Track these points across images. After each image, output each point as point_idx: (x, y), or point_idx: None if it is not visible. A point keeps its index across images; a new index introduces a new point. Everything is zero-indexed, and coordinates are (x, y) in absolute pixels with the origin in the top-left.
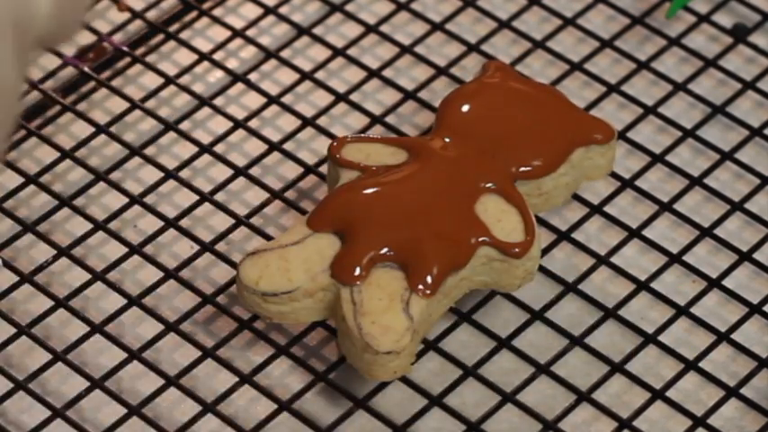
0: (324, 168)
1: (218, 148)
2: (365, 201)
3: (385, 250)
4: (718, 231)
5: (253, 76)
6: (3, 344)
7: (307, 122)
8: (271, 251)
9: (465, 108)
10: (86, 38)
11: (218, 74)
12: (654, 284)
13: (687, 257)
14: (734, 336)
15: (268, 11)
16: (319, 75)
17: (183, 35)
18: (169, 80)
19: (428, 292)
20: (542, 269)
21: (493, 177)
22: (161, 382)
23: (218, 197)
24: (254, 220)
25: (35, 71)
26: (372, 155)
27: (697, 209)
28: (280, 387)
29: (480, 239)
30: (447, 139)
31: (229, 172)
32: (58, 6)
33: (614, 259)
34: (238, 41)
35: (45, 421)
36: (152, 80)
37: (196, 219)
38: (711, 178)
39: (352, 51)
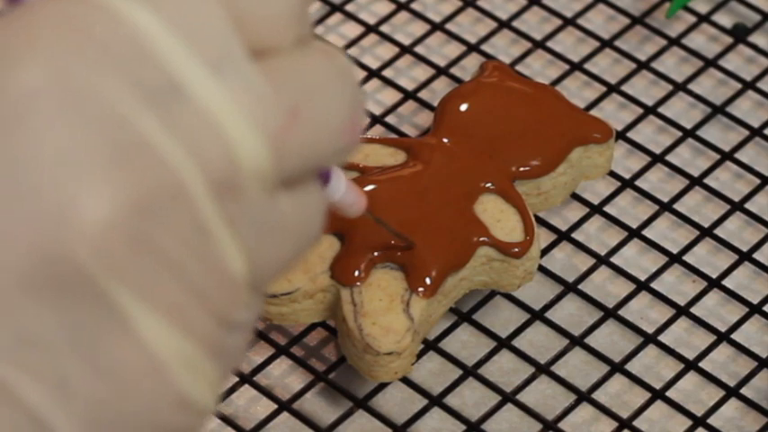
0: None
1: None
2: None
3: (384, 251)
4: (718, 231)
5: None
6: None
7: None
8: None
9: (463, 108)
10: None
11: None
12: (654, 284)
13: (687, 257)
14: (734, 336)
15: None
16: None
17: None
18: None
19: (428, 292)
20: (542, 269)
21: (492, 177)
22: None
23: None
24: None
25: None
26: (371, 155)
27: (697, 209)
28: (280, 387)
29: (480, 239)
30: (445, 140)
31: None
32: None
33: (614, 259)
34: None
35: None
36: None
37: None
38: (711, 178)
39: (351, 51)
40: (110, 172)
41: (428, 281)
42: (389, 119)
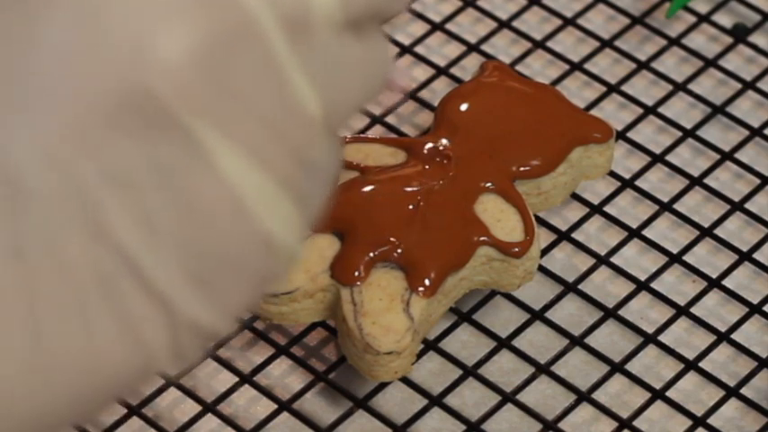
0: None
1: None
2: (364, 201)
3: (384, 250)
4: (718, 231)
5: None
6: None
7: None
8: None
9: (463, 108)
10: None
11: None
12: (654, 284)
13: (687, 257)
14: (734, 336)
15: None
16: None
17: None
18: None
19: (428, 292)
20: (542, 269)
21: (492, 177)
22: (161, 382)
23: None
24: None
25: None
26: (371, 155)
27: (697, 209)
28: (280, 387)
29: (480, 239)
30: (445, 140)
31: None
32: None
33: (614, 259)
34: None
35: None
36: None
37: None
38: (711, 178)
39: None
40: (185, 11)
41: (428, 281)
42: (389, 119)
